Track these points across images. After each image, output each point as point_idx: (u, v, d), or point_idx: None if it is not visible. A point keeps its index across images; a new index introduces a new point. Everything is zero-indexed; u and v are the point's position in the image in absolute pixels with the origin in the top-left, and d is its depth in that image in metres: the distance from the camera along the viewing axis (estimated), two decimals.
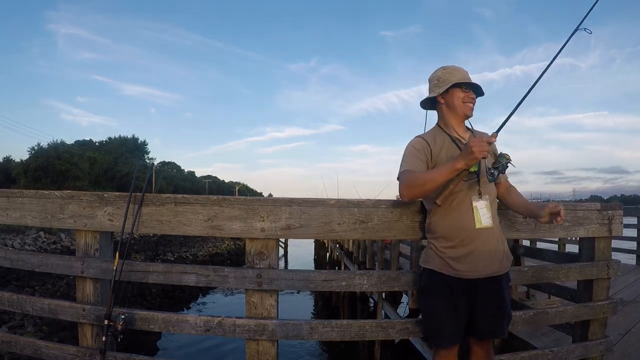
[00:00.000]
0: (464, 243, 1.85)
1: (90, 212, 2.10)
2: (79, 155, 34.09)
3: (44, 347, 2.16)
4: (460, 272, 1.86)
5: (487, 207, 1.88)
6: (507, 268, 1.95)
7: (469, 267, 1.85)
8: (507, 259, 1.95)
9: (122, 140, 44.70)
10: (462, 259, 1.86)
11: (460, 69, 1.98)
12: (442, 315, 1.90)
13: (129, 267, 2.03)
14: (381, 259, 7.85)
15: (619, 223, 2.34)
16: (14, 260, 2.27)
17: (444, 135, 1.97)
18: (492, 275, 1.88)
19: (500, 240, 1.93)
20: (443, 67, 2.01)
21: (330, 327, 2.01)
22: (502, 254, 1.92)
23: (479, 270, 1.86)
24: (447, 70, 1.98)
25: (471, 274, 1.86)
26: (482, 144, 1.67)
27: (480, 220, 1.86)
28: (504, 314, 1.92)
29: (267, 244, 2.02)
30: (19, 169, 27.75)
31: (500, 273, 1.91)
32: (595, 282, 2.32)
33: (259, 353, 1.99)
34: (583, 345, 2.30)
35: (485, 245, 1.86)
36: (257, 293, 2.01)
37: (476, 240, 1.86)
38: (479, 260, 1.85)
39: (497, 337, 1.95)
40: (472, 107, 1.95)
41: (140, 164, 37.53)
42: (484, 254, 1.86)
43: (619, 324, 3.74)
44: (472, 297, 1.88)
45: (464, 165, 1.72)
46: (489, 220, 1.87)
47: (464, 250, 1.86)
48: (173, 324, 2.04)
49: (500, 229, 1.97)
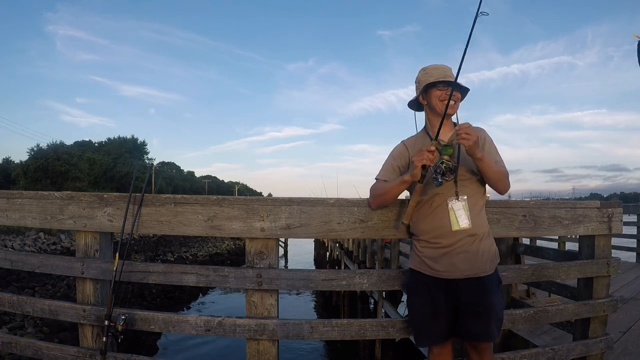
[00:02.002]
0: (441, 244, 1.83)
1: (90, 212, 2.10)
2: (78, 156, 34.09)
3: (44, 348, 2.16)
4: (439, 272, 1.84)
5: (464, 207, 1.83)
6: (492, 270, 1.88)
7: (446, 268, 1.83)
8: (492, 260, 1.89)
9: (122, 140, 44.63)
10: (439, 259, 1.84)
11: (439, 67, 1.93)
12: (421, 313, 1.89)
13: (129, 268, 2.03)
14: (381, 258, 7.85)
15: (619, 221, 2.34)
16: (14, 261, 2.27)
17: (425, 138, 1.96)
18: (474, 276, 1.83)
19: (484, 241, 1.86)
20: (423, 68, 1.98)
21: (331, 326, 2.01)
22: (487, 255, 1.86)
23: (458, 271, 1.82)
24: (425, 71, 1.95)
25: (449, 275, 1.82)
26: (421, 153, 1.71)
27: (457, 221, 1.82)
28: (489, 316, 1.82)
29: (267, 244, 2.02)
30: (19, 170, 27.72)
31: (483, 275, 1.84)
32: (595, 279, 2.33)
33: (260, 353, 1.99)
34: (583, 343, 2.30)
35: (465, 246, 1.82)
36: (257, 293, 2.01)
37: (454, 241, 1.82)
38: (457, 260, 1.81)
39: (482, 340, 1.86)
40: (451, 105, 1.88)
41: (140, 165, 37.54)
42: (464, 255, 1.82)
43: (620, 322, 3.75)
44: (455, 297, 1.83)
45: (410, 177, 1.77)
46: (466, 222, 1.82)
47: (441, 251, 1.84)
48: (173, 324, 2.04)
49: (486, 229, 1.90)
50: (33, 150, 29.50)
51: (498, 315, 1.86)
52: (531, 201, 2.35)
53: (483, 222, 1.90)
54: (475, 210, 1.87)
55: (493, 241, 1.95)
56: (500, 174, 1.85)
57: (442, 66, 1.94)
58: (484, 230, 1.89)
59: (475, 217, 1.85)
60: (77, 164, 30.42)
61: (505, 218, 2.17)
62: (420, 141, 1.96)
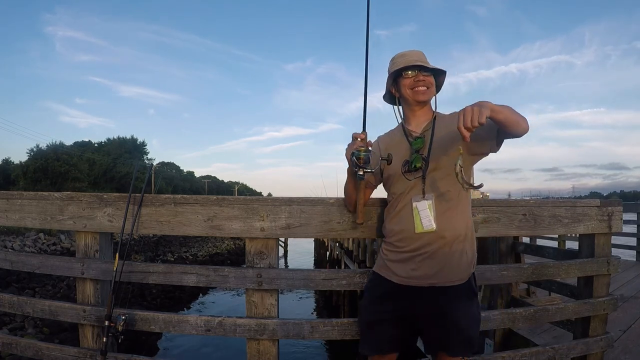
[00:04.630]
0: (404, 248, 1.67)
1: (90, 213, 2.10)
2: (77, 156, 34.09)
3: (44, 349, 2.16)
4: (401, 279, 1.67)
5: (429, 207, 1.63)
6: (464, 279, 1.66)
7: (409, 274, 1.65)
8: (464, 268, 1.66)
9: (121, 141, 44.63)
10: (402, 264, 1.67)
11: (407, 53, 1.75)
12: (367, 317, 1.77)
13: (129, 268, 2.03)
14: None
15: (619, 219, 2.34)
16: (14, 262, 2.26)
17: (400, 132, 1.80)
18: (441, 285, 1.64)
19: (454, 246, 1.63)
20: (392, 57, 1.80)
21: (331, 326, 2.01)
22: (456, 262, 1.63)
23: (422, 278, 1.63)
24: (392, 61, 1.77)
25: (411, 282, 1.65)
26: (350, 145, 1.60)
27: (420, 223, 1.63)
28: (449, 330, 1.64)
29: (267, 244, 2.02)
30: (18, 171, 27.74)
31: (452, 284, 1.64)
32: (595, 278, 2.32)
33: (260, 353, 1.99)
34: (584, 341, 2.30)
35: (431, 251, 1.62)
36: (257, 292, 2.01)
37: (419, 245, 1.64)
38: (422, 267, 1.63)
39: (449, 353, 1.67)
40: (422, 91, 1.71)
41: (139, 165, 37.52)
42: (429, 261, 1.63)
43: (620, 320, 3.75)
44: (416, 307, 1.66)
45: (349, 171, 1.67)
46: (430, 223, 1.62)
47: (405, 255, 1.67)
48: (174, 324, 2.04)
49: (460, 232, 1.66)
50: (33, 151, 29.54)
51: (464, 332, 1.64)
52: (531, 200, 2.35)
53: (455, 224, 1.65)
54: (445, 210, 1.65)
55: (470, 247, 1.69)
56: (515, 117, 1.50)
57: (409, 52, 1.75)
58: (457, 233, 1.64)
59: (443, 217, 1.64)
60: (77, 165, 30.44)
61: (505, 217, 2.17)
62: (396, 136, 1.81)
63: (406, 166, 1.70)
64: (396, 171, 1.72)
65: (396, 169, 1.71)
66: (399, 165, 1.71)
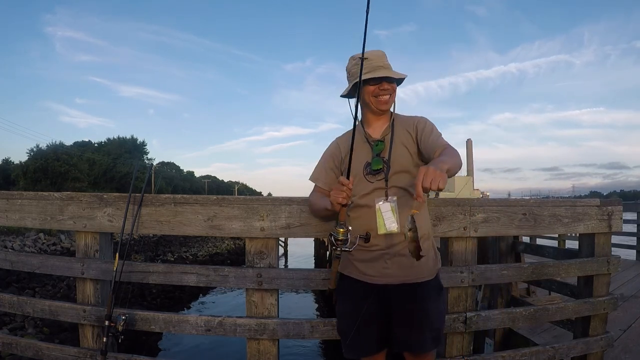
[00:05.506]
0: (369, 248, 1.69)
1: (90, 213, 2.10)
2: (77, 156, 34.10)
3: (45, 349, 2.16)
4: (370, 277, 1.71)
5: (392, 209, 1.66)
6: (431, 275, 1.73)
7: (378, 272, 1.69)
8: (431, 265, 1.74)
9: (121, 141, 44.61)
10: (367, 263, 1.71)
11: (368, 56, 1.70)
12: (348, 322, 1.74)
13: (129, 268, 2.03)
14: None
15: (619, 219, 2.34)
16: (14, 262, 2.26)
17: (360, 133, 1.79)
18: (409, 282, 1.69)
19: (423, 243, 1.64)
20: (352, 56, 1.78)
21: (331, 325, 2.01)
22: (426, 258, 1.67)
23: (391, 276, 1.68)
24: (355, 62, 1.74)
25: (381, 280, 1.69)
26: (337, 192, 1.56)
27: (384, 224, 1.66)
28: (422, 325, 1.67)
29: (267, 244, 2.02)
30: (18, 171, 27.75)
31: (420, 281, 1.70)
32: (595, 278, 2.33)
33: (260, 352, 2.00)
34: (584, 341, 2.30)
35: (399, 249, 1.67)
36: (257, 292, 2.01)
37: (387, 245, 1.68)
38: (390, 265, 1.68)
39: (415, 351, 1.72)
40: (386, 100, 1.73)
41: (139, 165, 37.52)
42: (398, 259, 1.67)
43: (620, 320, 3.75)
44: (387, 305, 1.70)
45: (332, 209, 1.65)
46: (393, 225, 1.65)
47: (369, 255, 1.70)
48: (174, 324, 2.04)
49: (424, 231, 1.71)
50: (33, 151, 29.54)
51: (433, 324, 1.70)
52: (531, 199, 2.36)
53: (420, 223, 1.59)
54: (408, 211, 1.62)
55: (433, 244, 1.80)
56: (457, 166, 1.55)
57: (372, 55, 1.72)
58: (422, 232, 1.66)
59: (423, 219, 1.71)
60: (77, 165, 30.44)
61: (505, 216, 2.17)
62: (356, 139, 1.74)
63: (367, 168, 1.72)
64: (358, 173, 1.73)
65: (358, 170, 1.73)
66: (361, 167, 1.74)
